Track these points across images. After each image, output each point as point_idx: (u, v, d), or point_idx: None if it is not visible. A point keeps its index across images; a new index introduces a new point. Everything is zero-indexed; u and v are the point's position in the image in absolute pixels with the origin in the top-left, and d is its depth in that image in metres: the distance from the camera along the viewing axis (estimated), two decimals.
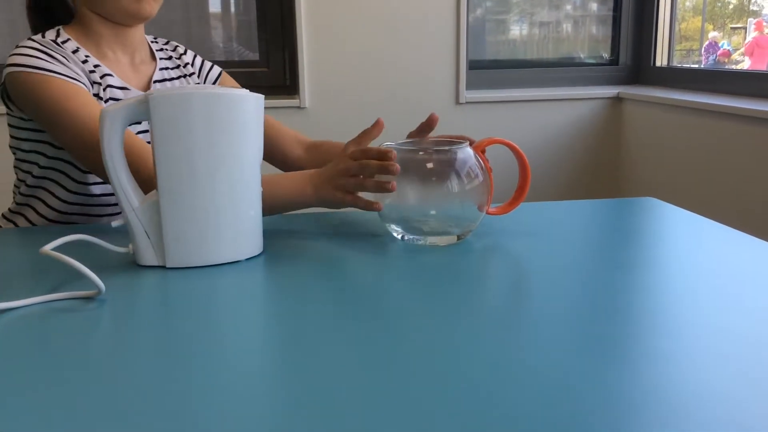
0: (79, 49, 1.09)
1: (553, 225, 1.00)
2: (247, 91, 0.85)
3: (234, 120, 0.83)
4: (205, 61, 1.29)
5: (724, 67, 4.35)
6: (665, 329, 0.63)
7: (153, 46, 1.22)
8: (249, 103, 0.84)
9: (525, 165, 0.94)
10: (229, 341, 0.63)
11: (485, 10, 2.81)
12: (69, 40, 1.09)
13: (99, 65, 1.10)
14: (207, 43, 2.65)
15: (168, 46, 1.26)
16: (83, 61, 1.08)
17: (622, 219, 1.04)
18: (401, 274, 0.81)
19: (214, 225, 0.84)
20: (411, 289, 0.75)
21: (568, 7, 2.89)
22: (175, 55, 1.25)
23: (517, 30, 2.88)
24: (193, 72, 1.26)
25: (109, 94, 1.09)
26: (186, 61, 1.25)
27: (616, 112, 2.72)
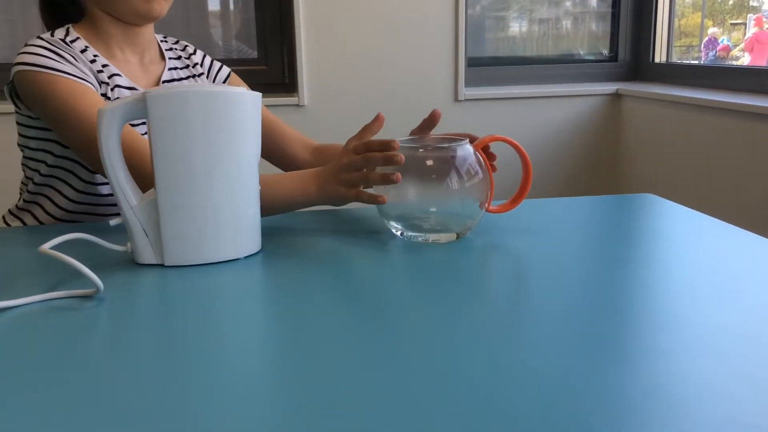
0: (87, 48, 1.08)
1: (552, 222, 1.00)
2: (245, 88, 0.85)
3: (231, 118, 0.83)
4: (214, 61, 1.29)
5: (724, 62, 4.35)
6: (664, 326, 0.63)
7: (162, 45, 1.22)
8: (246, 101, 0.84)
9: (527, 163, 0.94)
10: (228, 339, 0.63)
11: (484, 7, 2.81)
12: (78, 39, 1.09)
13: (107, 65, 1.10)
14: (206, 41, 2.64)
15: (177, 46, 1.25)
16: (91, 60, 1.08)
17: (621, 216, 1.03)
18: (401, 271, 0.81)
19: (213, 223, 0.84)
20: (411, 287, 0.75)
21: (568, 3, 2.88)
22: (185, 55, 1.24)
23: (517, 27, 2.87)
24: (202, 72, 1.25)
25: (117, 94, 1.09)
26: (195, 61, 1.25)
27: (615, 108, 2.72)
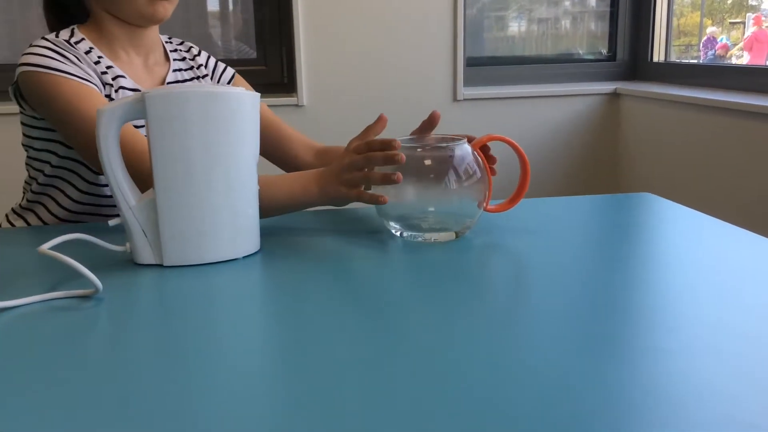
0: (92, 49, 1.08)
1: (551, 221, 1.00)
2: (243, 89, 0.85)
3: (230, 118, 0.83)
4: (218, 62, 1.29)
5: (723, 62, 4.35)
6: (664, 326, 0.63)
7: (167, 46, 1.22)
8: (245, 101, 0.84)
9: (525, 162, 0.94)
10: (227, 339, 0.63)
11: (483, 7, 2.81)
12: (83, 40, 1.09)
13: (112, 66, 1.09)
14: (206, 41, 2.64)
15: (182, 47, 1.25)
16: (96, 62, 1.08)
17: (619, 215, 1.04)
18: (400, 271, 0.81)
19: (211, 223, 0.84)
20: (410, 286, 0.75)
21: (566, 3, 2.89)
22: (189, 56, 1.24)
23: (516, 27, 2.88)
24: (206, 74, 1.25)
25: (121, 96, 1.09)
26: (200, 63, 1.25)
27: (614, 108, 2.72)
